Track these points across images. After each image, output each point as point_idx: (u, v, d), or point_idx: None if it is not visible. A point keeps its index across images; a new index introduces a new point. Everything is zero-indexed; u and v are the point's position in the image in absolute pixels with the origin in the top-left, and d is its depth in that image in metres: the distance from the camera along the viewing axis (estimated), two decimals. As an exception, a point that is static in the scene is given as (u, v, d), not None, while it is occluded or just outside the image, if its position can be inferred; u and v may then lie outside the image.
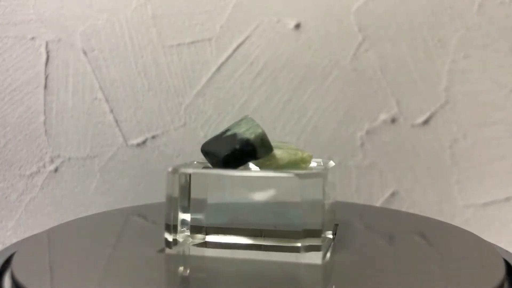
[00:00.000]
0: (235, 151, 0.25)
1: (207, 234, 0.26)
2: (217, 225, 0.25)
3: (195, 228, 0.26)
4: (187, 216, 0.26)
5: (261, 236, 0.25)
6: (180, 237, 0.25)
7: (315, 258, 0.23)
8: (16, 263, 0.24)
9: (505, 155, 0.45)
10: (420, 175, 0.46)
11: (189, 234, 0.26)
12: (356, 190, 0.46)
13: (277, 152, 0.25)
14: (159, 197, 0.47)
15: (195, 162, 0.29)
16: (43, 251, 0.26)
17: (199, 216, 0.26)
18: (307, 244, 0.23)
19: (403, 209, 0.46)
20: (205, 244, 0.25)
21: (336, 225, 0.30)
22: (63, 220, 0.47)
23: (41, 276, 0.23)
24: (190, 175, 0.25)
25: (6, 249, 0.27)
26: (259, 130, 0.25)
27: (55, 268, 0.24)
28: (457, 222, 0.45)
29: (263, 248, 0.24)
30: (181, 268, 0.24)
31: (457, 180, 0.46)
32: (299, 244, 0.23)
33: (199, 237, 0.26)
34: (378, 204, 0.46)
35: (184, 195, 0.25)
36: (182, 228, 0.25)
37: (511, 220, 0.45)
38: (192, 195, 0.26)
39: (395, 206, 0.46)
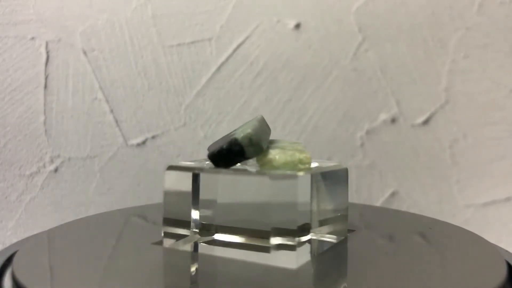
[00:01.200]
0: (221, 150, 0.25)
1: (200, 231, 0.26)
2: (210, 223, 0.26)
3: (187, 225, 0.26)
4: (184, 212, 0.26)
5: (244, 235, 0.25)
6: (176, 232, 0.26)
7: (288, 259, 0.23)
8: (17, 263, 0.24)
9: (505, 155, 0.45)
10: (420, 175, 0.46)
11: (187, 231, 0.26)
12: (356, 190, 0.46)
13: (273, 153, 0.25)
14: (159, 197, 0.47)
15: (207, 162, 0.29)
16: (44, 251, 0.26)
17: (194, 214, 0.26)
18: (277, 243, 0.23)
19: (403, 209, 0.46)
20: (213, 242, 0.25)
21: (351, 230, 0.30)
22: (63, 220, 0.47)
23: (42, 276, 0.23)
24: (186, 172, 0.26)
25: (6, 249, 0.27)
26: (248, 130, 0.25)
27: (56, 268, 0.24)
28: (457, 222, 0.45)
29: (247, 247, 0.25)
30: (180, 269, 0.24)
31: (457, 180, 0.46)
32: (269, 244, 0.23)
33: (193, 234, 0.26)
34: (378, 204, 0.46)
35: (181, 192, 0.26)
36: (180, 224, 0.26)
37: (511, 220, 0.45)
38: (186, 192, 0.26)
39: (395, 206, 0.46)
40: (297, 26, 0.46)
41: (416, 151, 0.46)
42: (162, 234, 0.26)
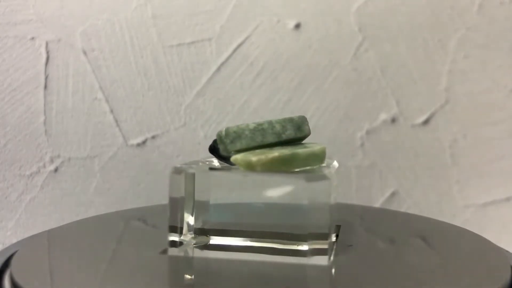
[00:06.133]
0: (211, 146, 0.27)
1: (210, 235, 0.26)
2: (220, 227, 0.25)
3: (199, 230, 0.26)
4: (191, 218, 0.26)
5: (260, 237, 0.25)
6: (184, 239, 0.25)
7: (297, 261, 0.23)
8: (16, 265, 0.24)
9: (505, 155, 0.45)
10: (420, 175, 0.46)
11: (193, 236, 0.26)
12: (356, 190, 0.46)
13: (240, 154, 0.26)
14: (159, 197, 0.47)
15: (208, 162, 0.29)
16: (43, 252, 0.26)
17: (203, 218, 0.26)
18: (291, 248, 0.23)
19: (403, 209, 0.46)
20: (208, 246, 0.25)
21: (338, 225, 0.30)
22: (63, 220, 0.47)
23: (40, 278, 0.23)
24: (193, 175, 0.25)
25: (6, 249, 0.27)
26: (222, 129, 0.26)
27: (54, 269, 0.24)
28: (457, 222, 0.45)
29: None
30: (183, 271, 0.24)
31: (457, 180, 0.46)
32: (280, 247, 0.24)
33: (202, 239, 0.26)
34: (378, 204, 0.46)
35: (189, 196, 0.26)
36: (187, 229, 0.26)
37: (511, 220, 0.45)
38: (196, 196, 0.26)
39: (395, 206, 0.46)
40: (297, 26, 0.46)
41: (416, 151, 0.46)
42: (175, 240, 0.25)
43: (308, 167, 0.26)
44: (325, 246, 0.23)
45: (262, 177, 0.25)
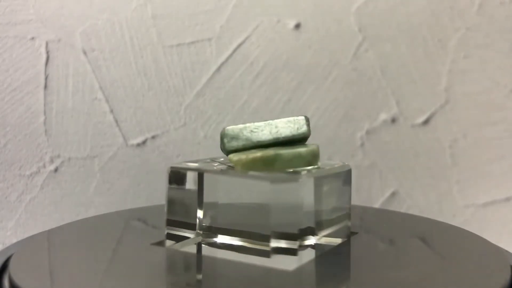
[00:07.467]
0: (220, 144, 0.28)
1: (204, 233, 0.26)
2: (214, 225, 0.26)
3: (192, 227, 0.26)
4: (186, 214, 0.26)
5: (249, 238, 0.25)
6: (188, 235, 0.25)
7: (288, 262, 0.23)
8: (15, 265, 0.24)
9: (505, 155, 0.45)
10: (420, 175, 0.46)
11: (201, 232, 0.26)
12: (356, 190, 0.46)
13: (232, 154, 0.26)
14: (160, 197, 0.47)
15: (210, 161, 0.29)
16: (43, 252, 0.26)
17: (197, 215, 0.26)
18: (279, 247, 0.24)
19: (403, 209, 0.46)
20: (214, 244, 0.25)
21: (354, 233, 0.29)
22: (63, 220, 0.47)
23: (40, 278, 0.23)
24: (187, 172, 0.26)
25: (6, 249, 0.27)
26: (224, 128, 0.27)
27: (54, 270, 0.24)
28: (457, 222, 0.45)
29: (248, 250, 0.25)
30: (184, 268, 0.24)
31: (457, 180, 0.45)
32: (270, 247, 0.24)
33: (197, 236, 0.26)
34: (378, 204, 0.46)
35: (185, 193, 0.26)
36: (182, 226, 0.26)
37: (511, 220, 0.45)
38: (190, 194, 0.26)
39: (395, 206, 0.46)
40: (297, 26, 0.46)
41: (416, 151, 0.46)
42: (165, 234, 0.26)
43: (298, 168, 0.26)
44: (294, 247, 0.23)
45: (231, 177, 0.25)
